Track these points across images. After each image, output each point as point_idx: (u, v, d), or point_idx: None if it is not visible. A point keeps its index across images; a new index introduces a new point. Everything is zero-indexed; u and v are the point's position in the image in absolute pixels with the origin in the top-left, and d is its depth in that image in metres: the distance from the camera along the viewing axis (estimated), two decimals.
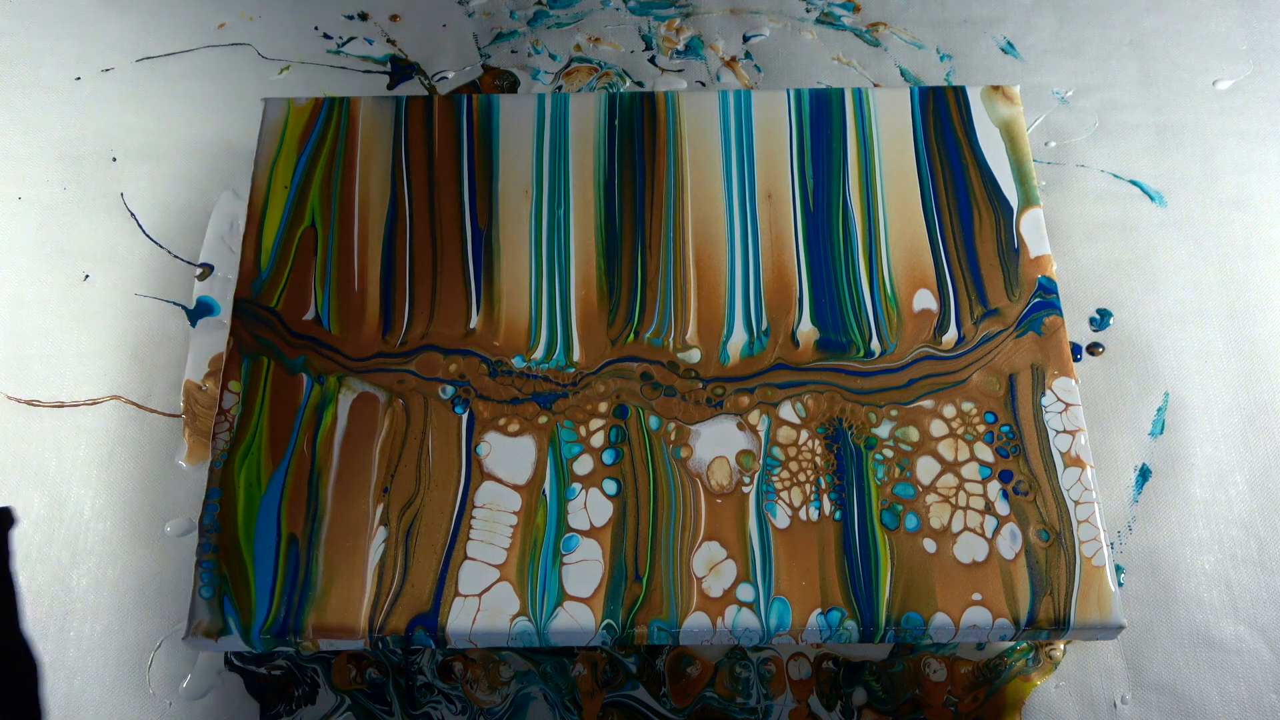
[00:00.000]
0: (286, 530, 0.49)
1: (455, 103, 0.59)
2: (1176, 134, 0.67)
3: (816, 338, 0.53)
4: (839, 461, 0.50)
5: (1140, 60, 0.70)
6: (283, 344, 0.53)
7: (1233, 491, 0.56)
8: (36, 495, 0.56)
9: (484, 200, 0.57)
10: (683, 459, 0.50)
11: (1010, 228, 0.56)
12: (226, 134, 0.66)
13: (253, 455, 0.50)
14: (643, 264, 0.55)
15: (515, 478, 0.50)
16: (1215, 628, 0.53)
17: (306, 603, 0.47)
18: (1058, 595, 0.47)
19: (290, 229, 0.56)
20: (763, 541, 0.48)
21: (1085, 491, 0.49)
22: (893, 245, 0.55)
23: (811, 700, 0.52)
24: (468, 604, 0.47)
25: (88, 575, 0.55)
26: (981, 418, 0.51)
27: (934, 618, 0.47)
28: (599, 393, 0.52)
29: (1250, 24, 0.71)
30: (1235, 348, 0.60)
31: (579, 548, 0.48)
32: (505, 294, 0.54)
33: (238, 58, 0.70)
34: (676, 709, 0.52)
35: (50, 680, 0.52)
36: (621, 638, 0.47)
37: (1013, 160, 0.58)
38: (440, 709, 0.52)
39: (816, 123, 0.59)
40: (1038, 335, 0.53)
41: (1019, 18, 0.71)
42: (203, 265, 0.62)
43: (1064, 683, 0.53)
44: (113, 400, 0.59)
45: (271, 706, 0.52)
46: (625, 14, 0.72)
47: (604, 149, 0.58)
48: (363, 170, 0.57)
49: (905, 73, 0.69)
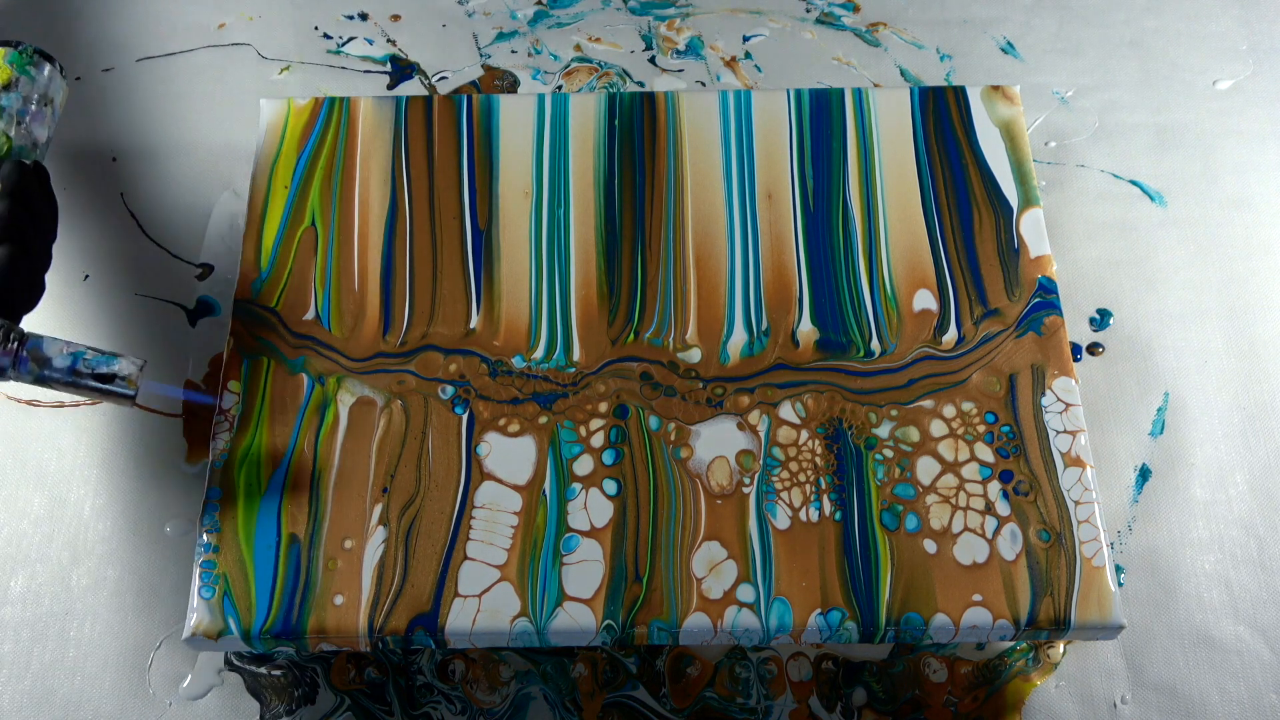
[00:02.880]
0: (286, 530, 0.49)
1: (455, 103, 0.59)
2: (1176, 134, 0.67)
3: (816, 338, 0.53)
4: (839, 462, 0.50)
5: (1140, 60, 0.70)
6: (283, 344, 0.53)
7: (1233, 491, 0.56)
8: (36, 495, 0.56)
9: (484, 200, 0.57)
10: (683, 459, 0.50)
11: (1010, 228, 0.56)
12: (226, 134, 0.66)
13: (253, 455, 0.50)
14: (643, 264, 0.55)
15: (515, 478, 0.50)
16: (1215, 628, 0.53)
17: (306, 603, 0.47)
18: (1058, 595, 0.47)
19: (290, 229, 0.56)
20: (763, 542, 0.48)
21: (1085, 491, 0.49)
22: (893, 245, 0.55)
23: (811, 700, 0.52)
24: (468, 604, 0.47)
25: (88, 575, 0.55)
26: (981, 418, 0.51)
27: (934, 618, 0.47)
28: (599, 393, 0.52)
29: (1250, 24, 0.71)
30: (1235, 348, 0.60)
31: (579, 548, 0.48)
32: (505, 294, 0.54)
33: (238, 58, 0.70)
34: (676, 709, 0.52)
35: (50, 680, 0.52)
36: (621, 638, 0.47)
37: (1013, 160, 0.58)
38: (440, 709, 0.52)
39: (816, 123, 0.59)
40: (1038, 335, 0.53)
41: (1019, 18, 0.71)
42: (203, 265, 0.62)
43: (1064, 683, 0.53)
44: None
45: (271, 706, 0.52)
46: (625, 14, 0.72)
47: (604, 149, 0.58)
48: (363, 170, 0.57)
49: (905, 73, 0.69)
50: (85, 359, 0.45)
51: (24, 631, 0.53)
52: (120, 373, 0.45)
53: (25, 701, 0.52)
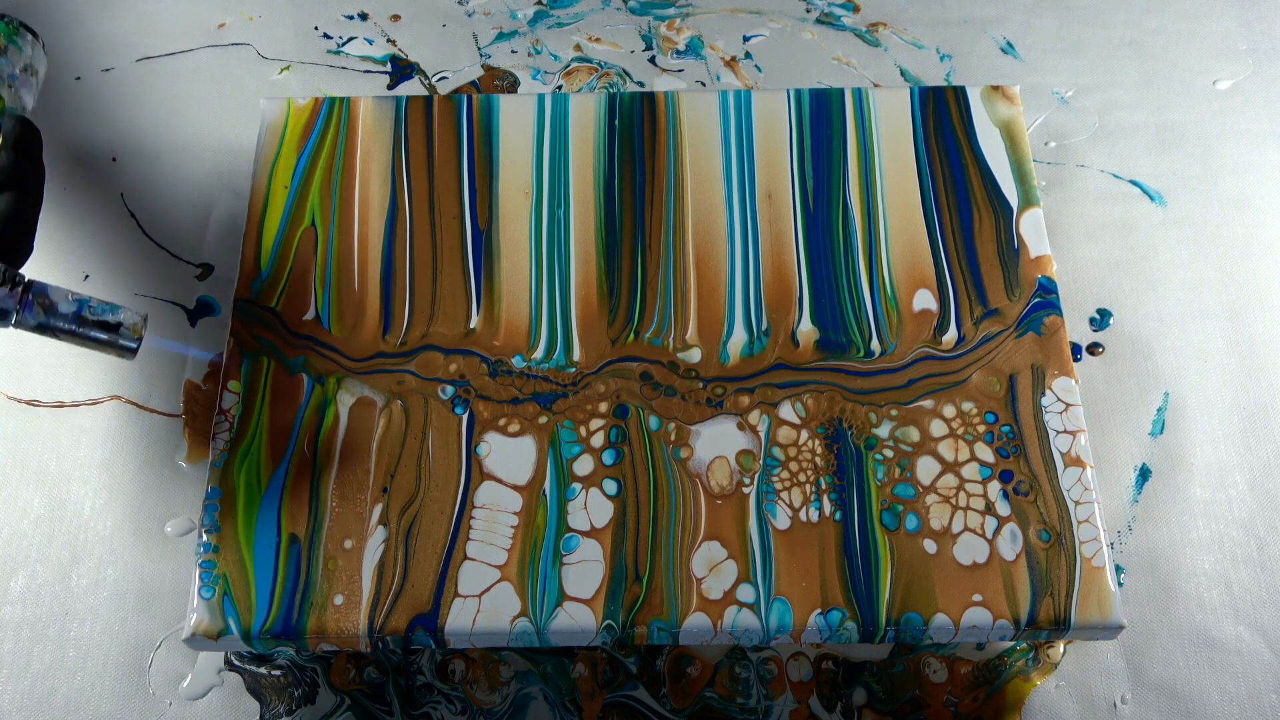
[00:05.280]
0: (286, 530, 0.49)
1: (455, 103, 0.59)
2: (1176, 134, 0.67)
3: (816, 338, 0.53)
4: (839, 462, 0.50)
5: (1140, 60, 0.70)
6: (283, 344, 0.53)
7: (1233, 491, 0.56)
8: (36, 495, 0.56)
9: (484, 200, 0.57)
10: (683, 459, 0.50)
11: (1010, 228, 0.56)
12: (226, 134, 0.66)
13: (253, 455, 0.50)
14: (643, 264, 0.55)
15: (515, 478, 0.50)
16: (1215, 628, 0.53)
17: (306, 603, 0.47)
18: (1058, 595, 0.47)
19: (290, 229, 0.56)
20: (763, 542, 0.48)
21: (1085, 492, 0.49)
22: (893, 245, 0.55)
23: (812, 701, 0.52)
24: (468, 604, 0.47)
25: (88, 575, 0.55)
26: (982, 418, 0.51)
27: (934, 618, 0.47)
28: (599, 393, 0.52)
29: (1250, 24, 0.71)
30: (1235, 348, 0.60)
31: (579, 548, 0.48)
32: (505, 294, 0.54)
33: (238, 58, 0.70)
34: (676, 709, 0.52)
35: (50, 680, 0.52)
36: (621, 638, 0.47)
37: (1013, 160, 0.58)
38: (440, 709, 0.52)
39: (816, 123, 0.59)
40: (1038, 335, 0.53)
41: (1019, 18, 0.71)
42: (203, 265, 0.62)
43: (1064, 683, 0.53)
44: (113, 400, 0.59)
45: (271, 706, 0.52)
46: (625, 14, 0.72)
47: (604, 149, 0.58)
48: (363, 170, 0.57)
49: (905, 73, 0.69)
50: (90, 306, 0.45)
51: (24, 631, 0.53)
52: (125, 322, 0.45)
53: (25, 701, 0.52)
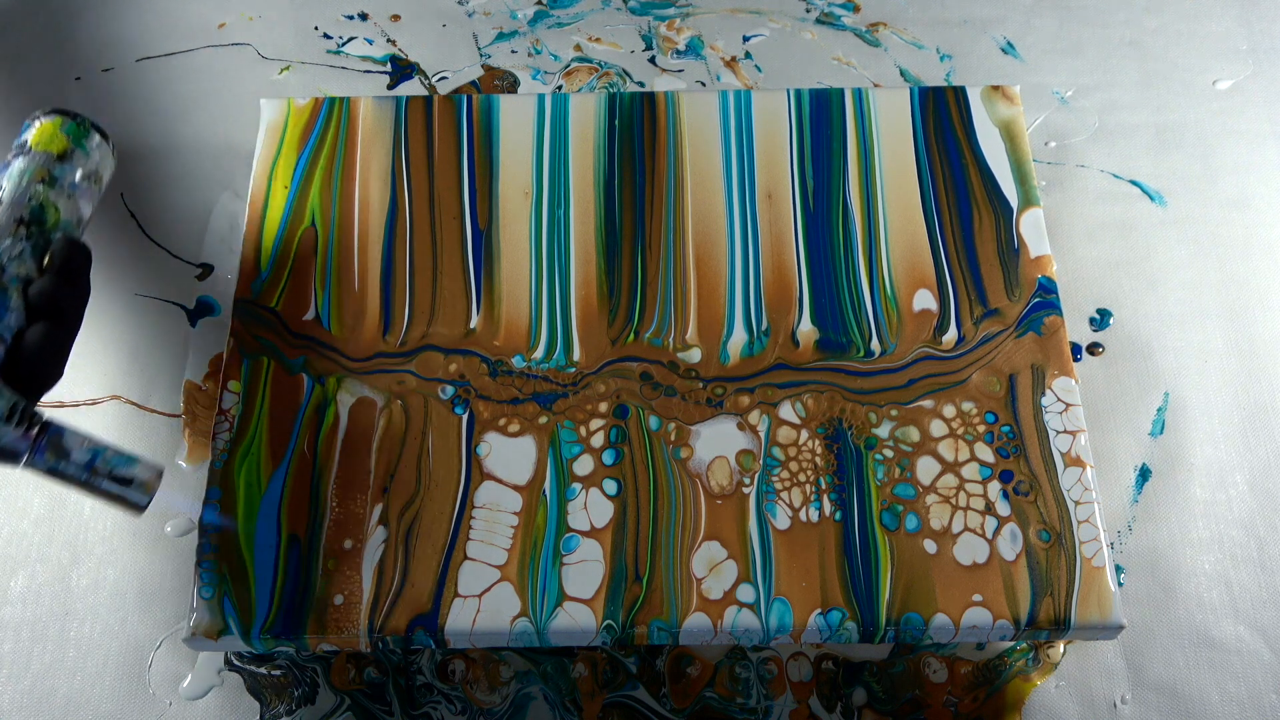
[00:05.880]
0: (286, 530, 0.49)
1: (455, 103, 0.59)
2: (1176, 134, 0.67)
3: (816, 338, 0.53)
4: (839, 462, 0.50)
5: (1140, 60, 0.70)
6: (283, 344, 0.53)
7: (1233, 491, 0.56)
8: (36, 495, 0.56)
9: (484, 200, 0.57)
10: (683, 459, 0.50)
11: (1010, 228, 0.56)
12: (226, 134, 0.66)
13: (253, 455, 0.50)
14: (643, 264, 0.55)
15: (515, 478, 0.50)
16: (1215, 628, 0.53)
17: (306, 603, 0.47)
18: (1058, 595, 0.47)
19: (290, 229, 0.56)
20: (763, 542, 0.48)
21: (1085, 492, 0.49)
22: (893, 245, 0.55)
23: (812, 701, 0.52)
24: (468, 604, 0.47)
25: (88, 575, 0.55)
26: (982, 418, 0.51)
27: (934, 618, 0.47)
28: (599, 393, 0.52)
29: (1250, 24, 0.71)
30: (1235, 348, 0.60)
31: (579, 548, 0.48)
32: (505, 294, 0.54)
33: (238, 58, 0.70)
34: (676, 709, 0.52)
35: (50, 680, 0.52)
36: (621, 638, 0.47)
37: (1013, 160, 0.58)
38: (440, 709, 0.52)
39: (816, 123, 0.59)
40: (1038, 335, 0.53)
41: (1019, 18, 0.71)
42: (203, 265, 0.62)
43: (1064, 683, 0.53)
44: (113, 400, 0.59)
45: (271, 706, 0.52)
46: (625, 14, 0.72)
47: (604, 149, 0.58)
48: (363, 170, 0.57)
49: (905, 73, 0.69)
50: (104, 457, 0.42)
51: (24, 631, 0.53)
52: (139, 478, 0.43)
53: (25, 701, 0.52)
